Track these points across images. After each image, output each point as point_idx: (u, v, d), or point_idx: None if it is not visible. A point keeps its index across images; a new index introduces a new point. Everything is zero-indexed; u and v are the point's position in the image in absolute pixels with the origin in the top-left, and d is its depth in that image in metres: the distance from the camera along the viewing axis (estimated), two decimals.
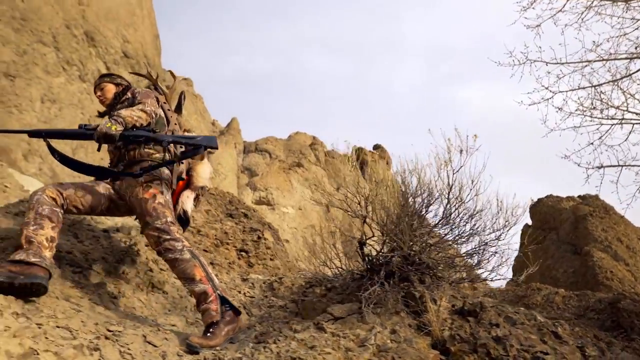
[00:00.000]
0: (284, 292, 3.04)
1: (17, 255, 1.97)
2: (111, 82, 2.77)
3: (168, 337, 2.11)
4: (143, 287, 2.67)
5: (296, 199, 14.96)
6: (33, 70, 13.60)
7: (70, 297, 2.25)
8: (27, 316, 1.78)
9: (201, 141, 2.39)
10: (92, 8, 15.53)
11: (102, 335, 1.91)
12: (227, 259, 3.52)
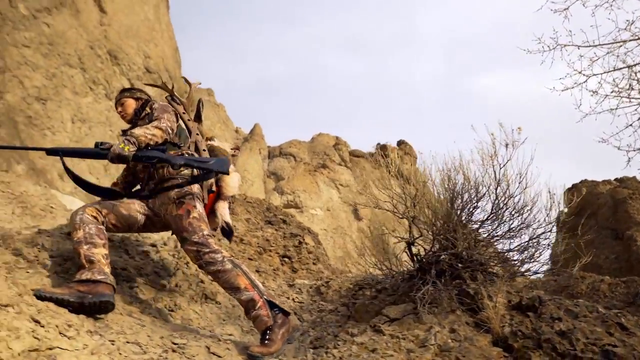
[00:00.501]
0: (332, 295, 3.06)
1: (83, 275, 2.03)
2: (131, 96, 2.76)
3: (229, 347, 2.15)
4: (197, 299, 2.73)
5: (323, 200, 14.99)
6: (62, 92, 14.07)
7: (132, 312, 2.32)
8: (99, 333, 1.85)
9: (212, 166, 2.38)
10: (113, 27, 15.95)
11: (169, 348, 1.97)
12: (271, 266, 3.56)
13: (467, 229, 2.53)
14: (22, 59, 12.59)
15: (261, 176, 15.22)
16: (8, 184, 4.58)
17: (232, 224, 2.65)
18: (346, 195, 15.27)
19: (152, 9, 17.19)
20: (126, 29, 16.12)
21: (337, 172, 15.60)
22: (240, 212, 3.99)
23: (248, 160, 15.06)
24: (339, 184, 15.46)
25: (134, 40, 16.34)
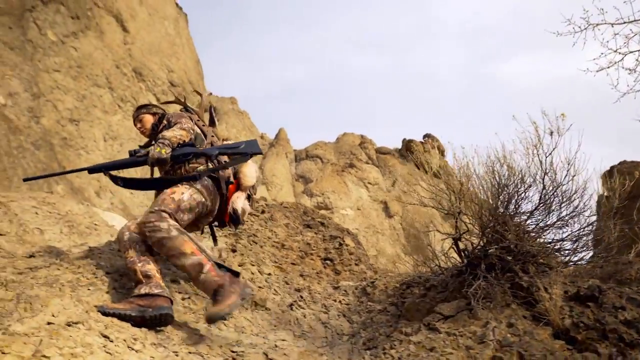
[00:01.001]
0: (379, 295, 3.05)
1: (142, 290, 2.09)
2: (147, 112, 2.87)
3: (286, 352, 2.17)
4: (247, 306, 2.76)
5: (353, 200, 14.96)
6: (93, 112, 14.47)
7: (187, 323, 2.38)
8: (163, 345, 1.90)
9: (245, 148, 2.48)
10: (136, 45, 16.32)
11: (230, 357, 2.01)
12: (314, 269, 3.58)
13: (515, 220, 2.48)
14: (54, 83, 13.06)
15: (289, 180, 15.32)
16: (54, 205, 4.76)
17: (239, 212, 2.56)
18: (375, 193, 15.19)
19: (172, 24, 17.54)
20: (149, 46, 16.52)
21: (365, 171, 15.54)
22: (279, 217, 4.03)
23: (275, 165, 15.18)
24: (367, 182, 15.40)
25: (157, 56, 16.73)
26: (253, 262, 3.28)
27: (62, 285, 2.05)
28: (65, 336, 1.58)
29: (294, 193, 15.10)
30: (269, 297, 2.89)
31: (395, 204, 14.46)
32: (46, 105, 11.88)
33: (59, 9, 12.92)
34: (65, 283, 2.10)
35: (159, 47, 15.79)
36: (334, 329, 2.75)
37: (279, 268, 3.39)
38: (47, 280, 2.07)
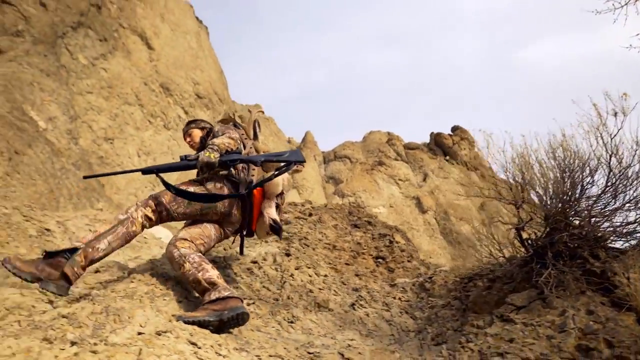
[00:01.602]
0: (439, 290, 3.03)
1: (212, 296, 2.13)
2: (196, 127, 3.02)
3: (361, 352, 2.19)
4: (310, 308, 2.79)
5: (385, 197, 14.88)
6: (126, 130, 14.89)
7: (258, 327, 2.42)
8: (245, 350, 1.95)
9: (289, 157, 2.55)
10: (161, 61, 16.72)
11: (308, 358, 2.04)
12: (368, 268, 3.58)
13: (581, 205, 2.42)
14: (88, 104, 13.52)
15: (320, 182, 15.36)
16: (104, 221, 4.91)
17: (279, 221, 2.61)
18: (407, 189, 15.06)
19: (194, 38, 17.89)
20: (173, 61, 16.90)
21: (395, 168, 15.43)
22: (327, 219, 4.05)
23: (305, 169, 15.29)
24: (398, 179, 15.28)
25: (182, 70, 17.10)
26: (309, 264, 3.31)
27: (141, 297, 2.13)
28: (159, 345, 1.63)
29: (325, 195, 15.13)
30: (331, 298, 2.91)
31: (428, 199, 14.29)
32: (82, 126, 12.31)
33: (87, 32, 13.37)
34: (143, 295, 2.17)
35: (183, 61, 16.14)
36: (399, 326, 2.74)
37: (334, 269, 3.41)
38: (127, 293, 2.14)
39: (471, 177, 15.78)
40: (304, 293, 2.93)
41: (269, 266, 3.30)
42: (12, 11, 10.57)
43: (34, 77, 10.65)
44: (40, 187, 7.88)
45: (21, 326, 1.68)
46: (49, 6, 11.79)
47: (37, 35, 11.13)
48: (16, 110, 9.24)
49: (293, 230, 3.85)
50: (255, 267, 3.26)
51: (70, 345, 1.50)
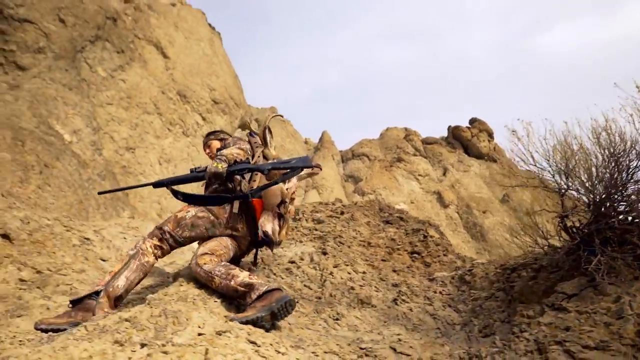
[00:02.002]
0: (481, 283, 3.01)
1: (253, 295, 2.15)
2: (215, 138, 3.11)
3: (412, 345, 2.19)
4: (354, 305, 2.81)
5: (405, 193, 14.80)
6: (146, 139, 15.11)
7: (306, 326, 2.45)
8: (301, 347, 1.97)
9: (296, 163, 2.57)
10: (177, 69, 16.92)
11: (362, 353, 2.05)
12: (404, 264, 3.58)
13: (628, 190, 2.39)
14: (109, 116, 13.77)
15: (339, 181, 15.36)
16: (137, 229, 5.03)
17: (270, 233, 2.59)
18: (427, 184, 14.95)
19: (208, 44, 18.07)
20: (189, 68, 17.10)
21: (414, 163, 15.33)
22: (359, 217, 4.07)
23: (323, 169, 15.32)
24: (417, 174, 15.18)
25: (198, 77, 17.30)
26: (346, 262, 3.33)
27: (194, 300, 2.17)
28: (221, 344, 1.67)
29: (345, 193, 15.13)
30: (373, 294, 2.92)
31: (449, 193, 14.17)
32: (104, 137, 12.56)
33: (104, 45, 13.64)
34: (195, 297, 2.21)
35: (198, 68, 16.34)
36: (444, 319, 2.74)
37: (371, 266, 3.41)
38: (180, 296, 2.19)
39: (492, 168, 15.60)
40: (345, 290, 2.94)
41: (307, 265, 3.33)
42: (33, 29, 10.83)
43: (58, 92, 10.90)
44: (70, 198, 8.07)
45: (88, 330, 1.74)
46: (68, 22, 12.05)
47: (58, 51, 11.39)
48: (43, 125, 9.48)
49: (327, 229, 3.87)
50: (293, 267, 3.29)
51: (141, 347, 1.54)
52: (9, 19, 10.25)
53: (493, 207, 13.84)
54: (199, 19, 17.93)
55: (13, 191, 4.29)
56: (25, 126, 8.59)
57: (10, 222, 3.13)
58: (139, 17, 15.76)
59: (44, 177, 7.58)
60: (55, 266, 3.08)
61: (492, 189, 14.70)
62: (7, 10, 10.06)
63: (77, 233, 3.88)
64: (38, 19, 10.93)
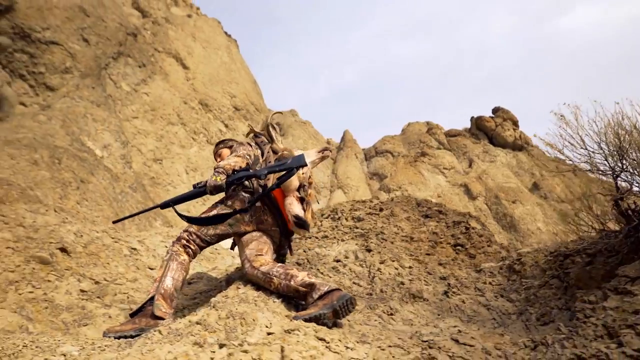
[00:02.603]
0: (532, 271, 2.98)
1: (314, 295, 2.18)
2: (224, 146, 3.14)
3: (474, 336, 2.19)
4: (406, 299, 2.82)
5: (432, 188, 14.68)
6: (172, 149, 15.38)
7: (363, 322, 2.47)
8: (366, 342, 2.00)
9: (291, 164, 2.60)
10: (198, 79, 17.17)
11: (425, 346, 2.06)
12: (448, 257, 3.57)
13: None
14: (135, 129, 14.09)
15: (364, 179, 15.34)
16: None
17: (301, 216, 2.61)
18: (453, 177, 14.79)
19: (225, 52, 18.31)
20: (209, 77, 17.36)
21: (438, 157, 15.19)
22: (399, 212, 4.07)
23: (347, 168, 15.28)
24: (442, 168, 15.04)
25: (218, 85, 17.54)
26: (392, 258, 3.34)
27: (255, 301, 2.22)
28: (293, 342, 1.71)
29: (371, 191, 15.09)
30: (424, 288, 2.93)
31: (476, 185, 13.98)
32: (132, 150, 12.87)
33: (127, 61, 13.97)
34: (256, 298, 2.26)
35: (217, 76, 16.58)
36: (497, 309, 2.72)
37: (417, 260, 3.42)
38: (241, 298, 2.24)
39: (519, 157, 15.33)
40: (395, 285, 2.96)
41: (353, 263, 3.36)
42: (59, 50, 11.17)
43: (87, 109, 11.21)
44: (107, 211, 8.28)
45: (163, 334, 1.80)
46: (91, 41, 12.37)
47: (84, 70, 11.72)
48: (76, 142, 9.77)
49: (367, 226, 3.88)
50: (339, 266, 3.32)
51: (219, 348, 1.60)
52: (36, 42, 10.60)
53: (523, 197, 13.59)
54: (215, 27, 18.18)
55: (57, 207, 4.45)
56: (59, 144, 8.87)
57: (66, 236, 3.25)
58: (158, 30, 16.10)
59: (81, 192, 7.80)
60: (111, 276, 3.19)
61: (520, 178, 14.44)
62: (34, 34, 10.42)
63: (125, 244, 4.00)
64: (64, 40, 11.27)
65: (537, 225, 12.36)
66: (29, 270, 2.67)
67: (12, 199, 4.22)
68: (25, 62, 10.53)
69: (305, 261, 3.47)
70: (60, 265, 2.90)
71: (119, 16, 14.34)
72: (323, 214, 4.43)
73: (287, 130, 17.01)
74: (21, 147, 7.77)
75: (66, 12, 11.74)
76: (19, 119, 9.07)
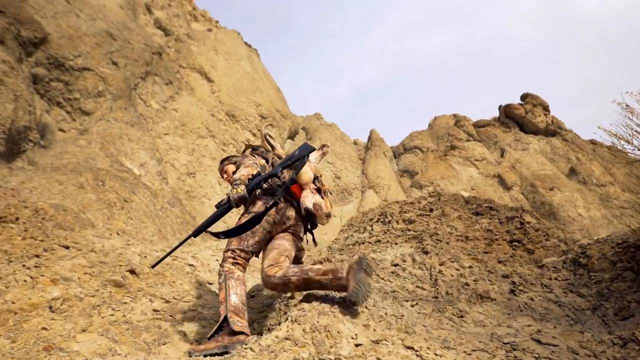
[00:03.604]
0: (600, 264, 2.93)
1: (339, 275, 2.28)
2: (229, 163, 3.27)
3: (555, 335, 2.18)
4: (474, 301, 2.81)
5: (464, 181, 14.48)
6: (203, 162, 15.66)
7: (439, 326, 2.48)
8: (451, 347, 2.01)
9: (300, 153, 2.77)
10: (223, 91, 17.44)
11: (508, 348, 2.06)
12: (506, 253, 3.53)
13: None
14: (167, 145, 14.42)
15: (394, 178, 15.25)
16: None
17: (311, 208, 2.71)
18: (485, 168, 14.54)
19: (247, 62, 18.55)
20: (233, 88, 17.62)
21: (469, 149, 14.96)
22: (449, 211, 4.05)
23: (377, 167, 15.23)
24: (474, 160, 14.81)
25: (243, 95, 17.79)
26: (451, 258, 3.33)
27: (333, 312, 2.26)
28: (385, 352, 1.74)
29: (403, 189, 15.00)
30: (489, 288, 2.92)
31: (510, 175, 13.70)
32: (166, 166, 13.19)
33: (154, 80, 14.35)
34: (333, 310, 2.29)
35: (242, 86, 16.82)
36: (570, 306, 2.69)
37: (475, 259, 3.40)
38: (318, 310, 2.28)
39: (552, 143, 14.92)
40: (460, 287, 2.95)
41: (411, 266, 3.36)
42: (91, 75, 11.57)
43: (122, 130, 11.56)
44: (151, 229, 8.51)
45: (255, 351, 1.86)
46: (120, 63, 12.76)
47: (115, 92, 12.10)
48: (115, 163, 10.09)
49: (420, 228, 3.88)
50: (399, 270, 3.34)
51: None
52: (70, 70, 11.01)
53: (560, 183, 13.23)
54: (235, 39, 18.45)
55: (119, 230, 4.62)
56: (101, 166, 9.19)
57: (133, 258, 3.38)
58: (181, 47, 16.46)
59: (126, 212, 8.06)
60: (179, 294, 3.30)
61: (556, 164, 14.06)
62: (67, 62, 10.82)
63: (183, 261, 4.12)
64: (95, 65, 11.67)
65: (577, 212, 12.01)
66: (106, 294, 2.79)
67: (70, 224, 4.40)
68: (60, 90, 10.95)
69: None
70: (132, 287, 3.02)
71: (144, 37, 14.75)
72: (372, 219, 4.45)
73: (313, 134, 17.10)
74: (67, 172, 8.10)
75: (95, 38, 12.15)
76: (61, 145, 9.44)
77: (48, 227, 3.94)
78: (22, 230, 3.77)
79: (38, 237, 3.71)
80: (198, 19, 17.16)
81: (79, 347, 2.26)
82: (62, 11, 11.83)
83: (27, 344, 2.17)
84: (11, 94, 7.90)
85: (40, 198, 7.06)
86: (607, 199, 12.56)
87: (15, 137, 7.91)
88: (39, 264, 2.78)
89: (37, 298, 2.52)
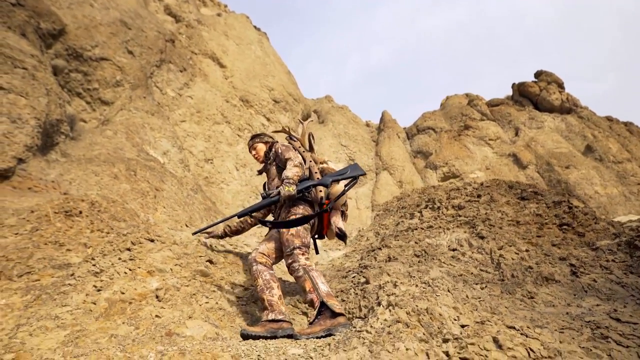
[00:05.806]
0: None
1: (269, 316, 2.51)
2: (260, 141, 3.44)
3: (631, 314, 2.37)
4: (540, 282, 3.00)
5: (479, 161, 14.61)
6: (220, 148, 15.77)
7: (517, 307, 2.68)
8: (543, 326, 2.21)
9: (350, 173, 2.98)
10: (236, 77, 17.46)
11: (594, 326, 2.26)
12: (558, 237, 3.71)
13: None
14: (184, 132, 14.53)
15: (408, 159, 15.39)
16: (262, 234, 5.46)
17: (344, 229, 3.00)
18: (500, 147, 14.66)
19: (258, 46, 18.49)
20: (246, 73, 17.63)
21: (482, 128, 15.05)
22: (497, 197, 4.22)
23: (391, 148, 15.35)
24: (488, 139, 14.92)
25: (255, 80, 17.81)
26: (508, 243, 3.51)
27: (426, 296, 2.45)
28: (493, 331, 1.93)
29: (417, 170, 15.15)
30: (554, 270, 3.10)
31: (525, 153, 13.82)
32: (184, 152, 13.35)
33: (169, 67, 14.38)
34: (424, 294, 2.50)
35: (254, 71, 16.82)
36: (633, 286, 2.87)
37: (530, 243, 3.58)
38: (411, 294, 2.48)
39: (567, 120, 14.97)
40: (523, 269, 3.14)
41: (469, 251, 3.55)
42: (108, 65, 11.63)
43: (143, 119, 11.69)
44: (182, 215, 8.73)
45: (371, 333, 2.06)
46: (135, 52, 12.79)
47: (133, 81, 12.18)
48: (142, 152, 10.26)
49: (470, 213, 4.06)
50: (459, 254, 3.52)
51: (444, 342, 1.84)
52: (88, 61, 11.08)
53: (576, 161, 13.36)
54: (245, 23, 18.35)
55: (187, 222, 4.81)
56: (130, 156, 9.36)
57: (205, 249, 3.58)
58: (192, 33, 16.40)
59: (158, 200, 8.25)
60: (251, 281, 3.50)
61: (572, 142, 14.16)
62: (85, 53, 10.88)
63: (241, 249, 4.32)
64: (111, 55, 11.72)
65: (594, 190, 12.17)
66: (198, 284, 2.99)
67: (121, 215, 4.57)
68: (80, 81, 11.04)
69: (423, 252, 3.69)
70: (216, 275, 3.22)
71: (156, 24, 14.72)
72: (419, 205, 4.63)
73: (325, 117, 17.17)
74: (100, 163, 8.27)
75: (110, 28, 12.16)
76: (90, 136, 9.58)
77: (105, 219, 4.13)
78: (89, 223, 3.97)
79: (104, 230, 3.91)
80: (207, 4, 17.06)
81: (191, 333, 2.47)
82: (76, 1, 11.83)
83: (149, 330, 2.37)
84: (43, 88, 8.01)
85: (79, 190, 7.26)
86: (625, 176, 12.71)
87: (49, 131, 8.06)
88: (132, 257, 2.97)
89: (142, 289, 2.72)
